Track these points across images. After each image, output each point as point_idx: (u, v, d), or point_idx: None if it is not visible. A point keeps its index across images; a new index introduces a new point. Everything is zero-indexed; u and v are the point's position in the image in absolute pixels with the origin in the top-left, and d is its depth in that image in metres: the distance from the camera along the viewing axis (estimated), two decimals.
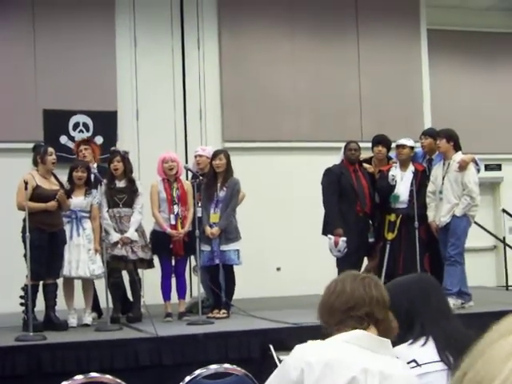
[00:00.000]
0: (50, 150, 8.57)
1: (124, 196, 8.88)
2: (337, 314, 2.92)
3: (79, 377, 3.47)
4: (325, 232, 9.38)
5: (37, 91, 11.12)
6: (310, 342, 2.84)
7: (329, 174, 9.46)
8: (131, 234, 8.78)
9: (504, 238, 13.52)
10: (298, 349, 2.82)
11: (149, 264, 9.02)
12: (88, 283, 8.76)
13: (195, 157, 9.79)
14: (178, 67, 11.96)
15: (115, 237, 8.73)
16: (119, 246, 8.72)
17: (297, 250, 11.85)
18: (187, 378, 3.46)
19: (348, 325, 2.88)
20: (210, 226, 8.89)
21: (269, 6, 12.36)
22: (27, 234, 7.74)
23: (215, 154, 9.09)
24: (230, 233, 8.94)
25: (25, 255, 7.89)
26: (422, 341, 3.39)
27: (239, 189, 9.14)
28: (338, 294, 2.95)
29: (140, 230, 8.95)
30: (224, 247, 8.90)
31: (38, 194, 8.24)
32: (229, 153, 9.20)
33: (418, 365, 3.22)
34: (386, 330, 2.94)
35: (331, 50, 12.67)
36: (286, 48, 12.46)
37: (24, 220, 7.99)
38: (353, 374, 2.68)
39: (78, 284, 8.79)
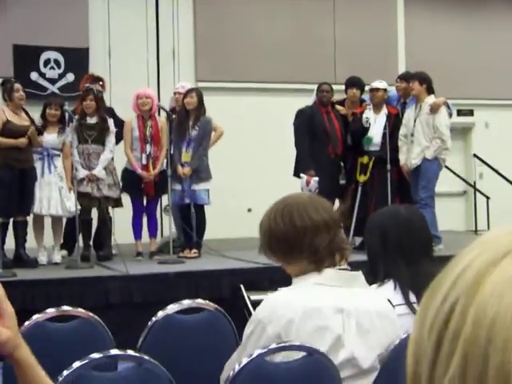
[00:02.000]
0: (17, 86, 8.44)
1: (94, 133, 8.74)
2: (296, 247, 2.74)
3: (51, 310, 3.46)
4: (296, 173, 9.37)
5: (7, 26, 10.90)
6: (280, 292, 2.72)
7: (301, 115, 9.42)
8: (98, 171, 8.65)
9: (474, 183, 13.59)
10: (270, 302, 2.69)
11: (116, 202, 8.94)
12: (58, 221, 8.71)
13: (174, 93, 9.72)
14: (151, 4, 11.78)
15: (82, 173, 8.62)
16: (85, 182, 8.64)
17: (268, 191, 11.68)
18: (160, 313, 3.45)
19: (309, 260, 2.71)
20: (182, 165, 8.85)
21: None
22: None
23: (187, 92, 9.02)
24: (201, 172, 8.88)
25: None
26: (390, 284, 3.20)
27: (211, 128, 9.08)
28: (288, 220, 2.75)
29: (109, 168, 8.87)
30: (195, 186, 8.86)
31: (8, 129, 8.15)
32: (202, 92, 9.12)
33: (392, 306, 2.88)
34: (344, 254, 2.75)
35: None
36: None
37: None
38: (328, 323, 2.62)
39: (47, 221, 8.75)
